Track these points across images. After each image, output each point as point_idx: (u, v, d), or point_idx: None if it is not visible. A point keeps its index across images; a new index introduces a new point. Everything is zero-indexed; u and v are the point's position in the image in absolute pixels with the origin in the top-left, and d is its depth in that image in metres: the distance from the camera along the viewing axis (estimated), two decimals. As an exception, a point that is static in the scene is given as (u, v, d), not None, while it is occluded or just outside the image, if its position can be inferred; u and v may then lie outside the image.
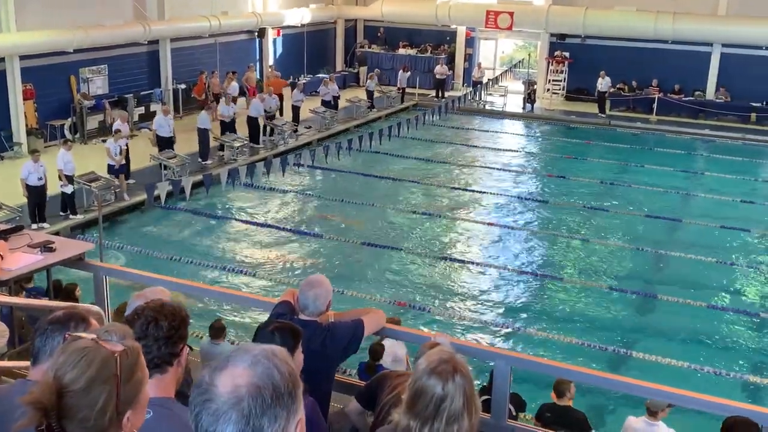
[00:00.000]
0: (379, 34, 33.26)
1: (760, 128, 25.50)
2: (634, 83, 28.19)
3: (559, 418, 6.63)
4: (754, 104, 26.34)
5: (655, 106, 26.81)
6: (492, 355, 4.46)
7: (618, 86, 28.23)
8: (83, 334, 1.78)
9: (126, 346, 1.77)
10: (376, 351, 7.68)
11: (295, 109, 23.44)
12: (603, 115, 26.85)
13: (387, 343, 7.60)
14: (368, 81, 27.44)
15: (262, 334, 3.50)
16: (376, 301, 11.98)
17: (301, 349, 3.42)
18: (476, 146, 23.84)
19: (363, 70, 30.96)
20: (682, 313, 12.22)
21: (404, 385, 2.64)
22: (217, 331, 8.34)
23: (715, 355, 11.04)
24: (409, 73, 28.75)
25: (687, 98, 27.15)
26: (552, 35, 29.49)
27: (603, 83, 27.03)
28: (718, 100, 27.04)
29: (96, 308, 3.68)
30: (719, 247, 15.15)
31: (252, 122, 21.09)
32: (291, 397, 1.56)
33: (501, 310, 12.44)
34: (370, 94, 27.09)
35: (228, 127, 20.26)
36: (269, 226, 15.93)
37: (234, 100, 22.13)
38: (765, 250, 15.42)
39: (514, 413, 6.66)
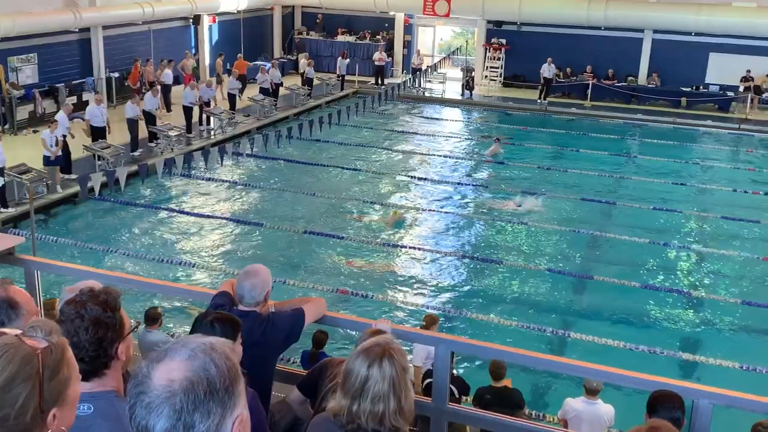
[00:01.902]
0: (317, 21, 33.03)
1: (690, 112, 26.28)
2: (568, 70, 28.68)
3: (496, 399, 6.74)
4: (684, 89, 27.10)
5: (589, 91, 27.37)
6: (432, 339, 4.49)
7: (553, 72, 28.67)
8: (7, 330, 1.72)
9: (50, 342, 1.71)
10: (319, 339, 7.68)
11: (231, 97, 23.14)
12: (543, 101, 27.21)
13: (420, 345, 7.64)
14: (307, 68, 27.24)
15: (200, 325, 3.45)
16: (319, 289, 11.95)
17: (240, 341, 3.39)
18: (417, 133, 23.94)
19: (302, 57, 30.73)
20: (618, 294, 12.53)
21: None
22: (152, 319, 8.23)
23: (649, 333, 11.37)
24: (348, 60, 28.64)
25: (620, 84, 27.78)
26: (489, 22, 29.77)
27: (548, 69, 27.38)
28: (649, 86, 27.75)
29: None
30: (652, 228, 15.59)
31: (186, 111, 20.71)
32: (227, 393, 1.54)
33: (443, 295, 12.57)
34: (309, 81, 26.91)
35: (152, 119, 19.70)
36: (208, 216, 15.72)
37: (169, 88, 21.76)
38: (696, 231, 15.93)
39: (457, 396, 6.76)
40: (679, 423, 3.74)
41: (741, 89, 26.60)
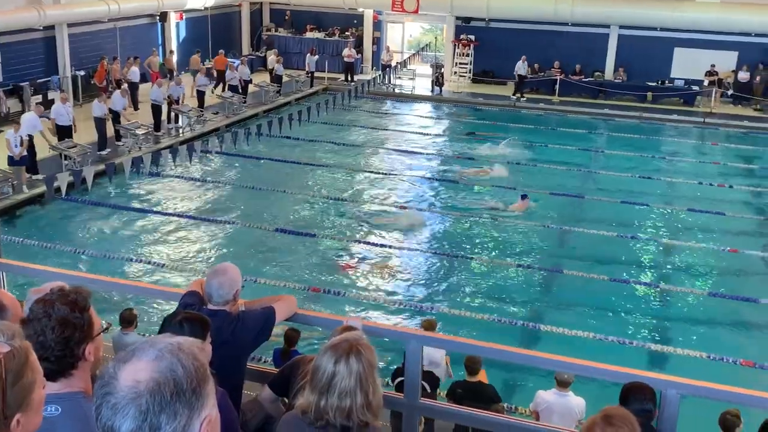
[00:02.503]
0: (286, 18, 32.88)
1: (656, 107, 26.63)
2: (536, 65, 28.88)
3: (470, 393, 6.78)
4: (650, 83, 27.46)
5: (557, 87, 27.59)
6: (403, 335, 4.50)
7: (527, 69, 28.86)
8: None
9: (13, 347, 1.68)
10: (291, 337, 7.65)
11: (200, 95, 22.95)
12: (518, 97, 27.34)
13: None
14: (276, 65, 27.11)
15: (168, 325, 3.42)
16: (290, 287, 11.91)
17: (209, 340, 3.37)
18: (387, 129, 23.96)
19: (271, 54, 30.55)
20: (587, 287, 12.66)
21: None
22: (127, 321, 8.15)
23: (619, 325, 11.50)
24: (316, 56, 28.56)
25: (587, 79, 28.05)
26: (457, 18, 29.86)
27: (522, 67, 27.53)
28: (616, 81, 28.07)
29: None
30: (620, 221, 15.77)
31: (154, 109, 20.49)
32: (195, 395, 1.53)
33: (414, 291, 12.60)
34: (278, 78, 26.77)
35: (117, 117, 19.46)
36: (177, 215, 15.58)
37: (137, 86, 21.52)
38: (663, 224, 16.14)
39: (429, 391, 6.78)
40: (651, 414, 3.79)
41: (706, 83, 27.02)
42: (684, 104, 26.99)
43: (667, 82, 27.66)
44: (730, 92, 27.20)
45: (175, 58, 27.05)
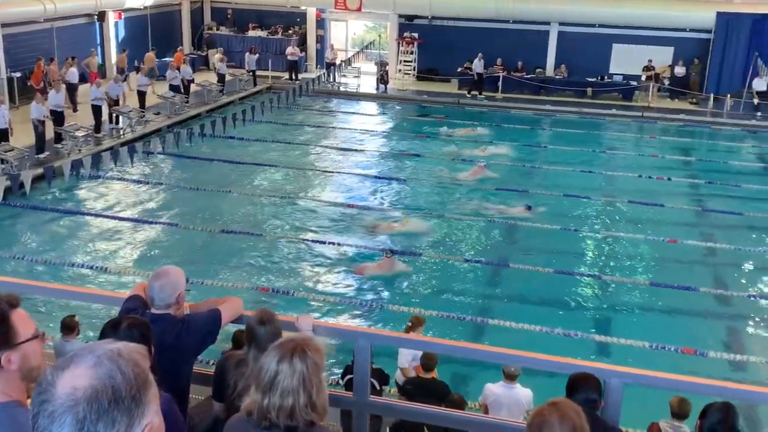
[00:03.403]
0: (228, 16, 32.52)
1: (595, 102, 27.18)
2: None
3: (421, 389, 6.82)
4: (589, 79, 28.01)
5: (500, 84, 27.92)
6: (352, 333, 4.50)
7: (465, 66, 29.11)
8: None
9: None
10: (239, 339, 7.56)
11: (141, 95, 22.54)
12: (480, 96, 27.56)
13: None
14: (219, 64, 26.81)
15: (108, 331, 3.36)
16: (238, 288, 11.79)
17: (151, 345, 3.32)
18: (333, 128, 23.91)
19: (212, 53, 30.18)
20: (533, 280, 12.85)
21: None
22: (68, 327, 7.95)
23: (564, 317, 11.69)
24: (256, 55, 28.34)
25: (529, 76, 28.45)
26: (401, 16, 29.97)
27: (479, 65, 27.73)
28: (557, 77, 28.54)
29: None
30: (563, 215, 16.04)
31: (94, 110, 20.04)
32: (134, 402, 1.50)
33: (363, 289, 12.59)
34: (221, 77, 26.47)
35: (60, 117, 19.01)
36: (119, 218, 15.27)
37: (75, 87, 21.01)
38: (604, 216, 16.45)
39: (378, 388, 6.80)
40: (596, 404, 3.86)
41: (643, 78, 27.68)
42: (623, 99, 27.61)
43: (606, 77, 28.24)
44: (666, 84, 27.92)
45: (114, 58, 26.56)
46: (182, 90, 24.27)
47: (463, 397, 7.08)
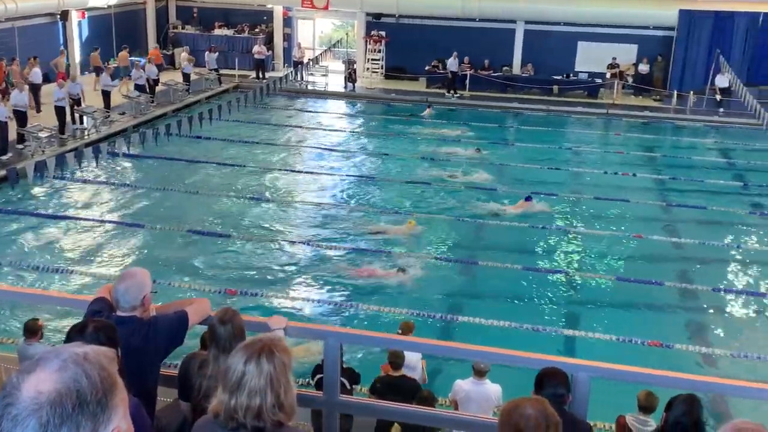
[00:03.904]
0: (193, 15, 32.24)
1: (561, 99, 27.45)
2: (446, 61, 29.23)
3: (391, 388, 6.82)
4: (555, 77, 28.27)
5: (467, 82, 28.06)
6: (322, 333, 4.50)
7: (433, 64, 29.22)
8: None
9: None
10: (207, 340, 7.50)
11: (106, 95, 22.23)
12: (456, 95, 27.62)
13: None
14: (184, 63, 26.58)
15: (74, 334, 3.31)
16: (206, 290, 11.69)
17: (118, 348, 3.28)
18: (301, 127, 23.83)
19: (178, 51, 29.89)
20: (502, 277, 12.93)
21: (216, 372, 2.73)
22: (31, 331, 7.83)
23: (532, 313, 11.80)
24: (216, 53, 28.19)
25: (496, 74, 28.62)
26: (368, 15, 29.96)
27: (454, 63, 27.81)
28: (524, 75, 28.76)
29: None
30: (531, 211, 16.15)
31: (58, 111, 19.73)
32: (99, 406, 1.49)
33: (333, 288, 12.57)
34: (186, 76, 26.23)
35: (24, 117, 18.69)
36: (84, 219, 15.06)
37: (39, 87, 20.66)
38: (571, 213, 16.62)
39: (348, 388, 6.79)
40: (563, 398, 3.89)
41: (608, 76, 28.01)
42: (588, 96, 27.92)
43: (571, 75, 28.53)
44: (630, 82, 28.28)
45: (78, 58, 26.23)
46: (147, 89, 24.01)
47: (433, 393, 7.10)
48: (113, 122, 21.42)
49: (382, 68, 30.22)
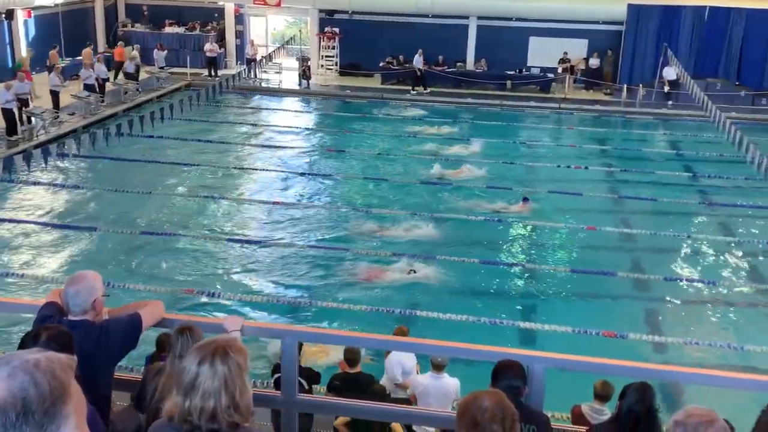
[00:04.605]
0: (143, 13, 31.74)
1: (514, 94, 27.72)
2: (401, 57, 29.34)
3: (348, 384, 6.82)
4: (508, 72, 28.55)
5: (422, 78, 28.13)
6: (279, 332, 4.47)
7: (387, 60, 29.26)
8: None
9: None
10: (163, 342, 7.40)
11: (54, 95, 21.76)
12: (425, 91, 27.63)
13: (394, 355, 7.33)
14: (127, 63, 26.20)
15: (27, 341, 3.25)
16: (161, 291, 11.54)
17: (73, 354, 3.22)
18: (255, 124, 23.65)
19: (128, 50, 29.38)
20: (459, 270, 13.00)
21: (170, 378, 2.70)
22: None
23: (490, 306, 11.90)
24: (165, 51, 27.82)
25: (450, 69, 28.78)
26: (321, 11, 29.85)
27: (419, 60, 27.82)
28: (477, 71, 28.97)
29: None
30: (478, 205, 16.30)
31: (5, 113, 19.23)
32: (47, 416, 1.46)
33: (291, 286, 12.51)
34: (128, 75, 25.80)
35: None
36: (34, 222, 14.72)
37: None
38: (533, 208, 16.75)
39: (307, 387, 6.77)
40: (519, 390, 3.92)
41: (560, 71, 28.38)
42: (540, 91, 28.25)
43: (524, 70, 28.84)
44: (580, 76, 28.72)
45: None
46: (97, 89, 23.58)
47: (385, 387, 7.13)
48: (62, 123, 20.98)
49: (336, 65, 30.14)
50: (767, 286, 12.99)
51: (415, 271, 12.74)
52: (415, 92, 27.63)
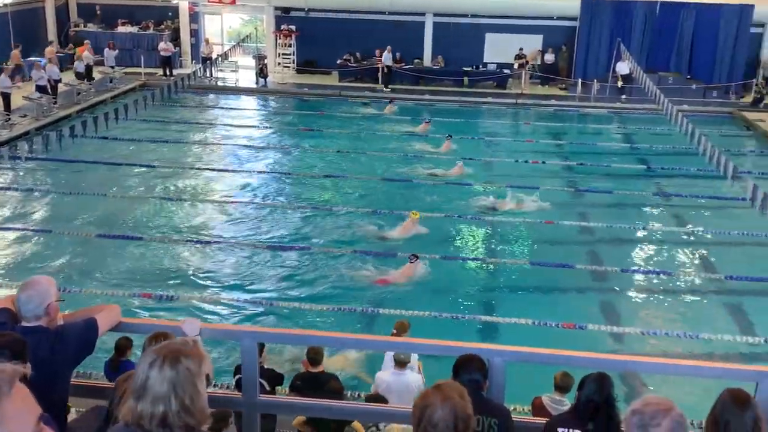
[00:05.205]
0: (96, 13, 31.21)
1: (472, 91, 27.92)
2: (358, 54, 29.32)
3: (310, 384, 6.79)
4: (465, 69, 28.73)
5: (380, 75, 28.16)
6: (238, 333, 4.44)
7: (345, 57, 29.21)
8: None
9: None
10: (121, 346, 7.31)
11: (5, 97, 21.28)
12: (387, 89, 27.60)
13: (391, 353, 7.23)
14: (77, 62, 25.77)
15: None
16: (118, 295, 11.37)
17: (26, 361, 3.15)
18: (213, 124, 23.43)
19: (79, 50, 28.86)
20: (420, 267, 13.02)
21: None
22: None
23: (451, 301, 11.96)
24: (116, 51, 27.43)
25: (407, 66, 28.84)
26: (277, 9, 29.68)
27: (387, 57, 27.75)
28: (434, 67, 29.10)
29: None
30: (448, 202, 16.38)
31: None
32: None
33: (250, 287, 12.40)
34: (79, 75, 25.36)
35: None
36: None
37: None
38: (485, 201, 16.86)
39: (268, 389, 6.74)
40: (480, 384, 3.94)
41: (516, 66, 28.65)
42: (497, 87, 28.50)
43: (481, 66, 29.04)
44: (537, 71, 29.03)
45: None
46: (49, 90, 23.11)
47: (341, 384, 7.12)
48: (14, 125, 20.52)
49: (293, 63, 30.00)
50: (720, 275, 13.28)
51: (416, 257, 12.69)
52: (388, 89, 27.64)
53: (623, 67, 26.72)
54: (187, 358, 2.49)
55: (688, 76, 28.12)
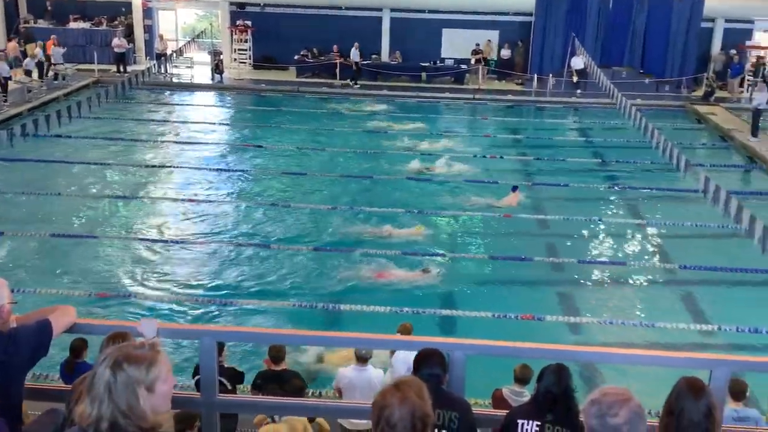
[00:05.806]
0: (47, 8, 30.52)
1: (430, 86, 28.01)
2: (315, 50, 29.20)
3: (272, 381, 6.76)
4: (423, 64, 28.80)
5: (337, 71, 28.09)
6: (196, 332, 4.39)
7: (302, 53, 29.06)
8: None
9: None
10: (77, 347, 7.18)
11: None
12: (357, 85, 27.47)
13: (400, 353, 7.11)
14: (28, 60, 25.22)
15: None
16: (74, 296, 11.16)
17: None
18: (168, 121, 23.12)
19: (31, 47, 28.22)
20: (380, 262, 13.05)
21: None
22: None
23: (413, 296, 11.97)
24: (63, 48, 26.90)
25: (365, 62, 28.81)
26: (231, 4, 29.41)
27: (355, 53, 27.63)
28: (392, 63, 29.12)
29: None
30: (406, 198, 16.41)
31: None
32: None
33: (209, 285, 12.27)
34: (28, 72, 24.85)
35: None
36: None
37: None
38: (445, 197, 16.93)
39: (230, 388, 6.68)
40: (440, 378, 3.95)
41: (473, 62, 28.82)
42: (455, 82, 28.64)
43: (438, 62, 29.15)
44: (493, 67, 29.25)
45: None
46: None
47: (304, 382, 7.10)
48: (-39, 124, 20.00)
49: (250, 58, 29.75)
50: (674, 265, 13.54)
51: (429, 270, 12.71)
52: (358, 86, 27.56)
53: (577, 63, 27.07)
54: (131, 364, 2.48)
55: (641, 71, 28.61)
